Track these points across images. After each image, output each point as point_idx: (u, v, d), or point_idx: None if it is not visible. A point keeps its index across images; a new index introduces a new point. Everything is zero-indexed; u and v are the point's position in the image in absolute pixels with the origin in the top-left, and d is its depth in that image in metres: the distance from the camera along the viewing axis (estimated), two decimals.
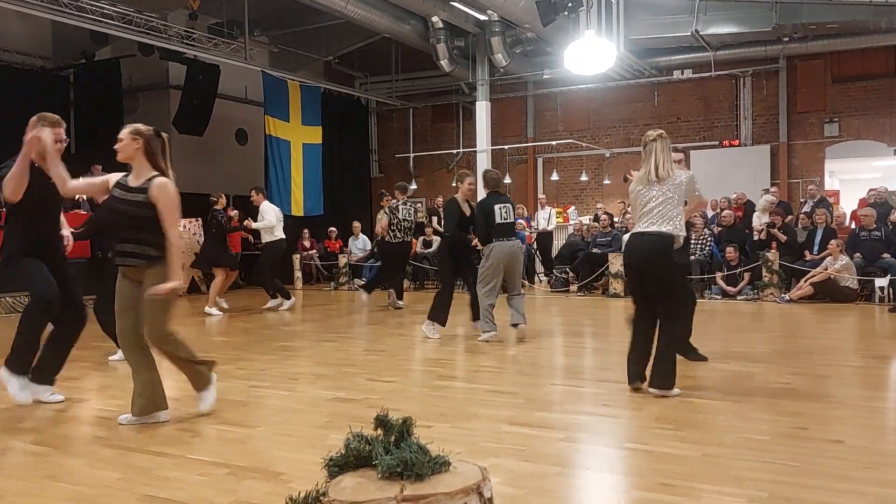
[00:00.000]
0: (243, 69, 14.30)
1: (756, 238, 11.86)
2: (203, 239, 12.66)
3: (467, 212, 7.73)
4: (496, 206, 7.16)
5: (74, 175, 4.43)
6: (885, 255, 10.50)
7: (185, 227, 14.19)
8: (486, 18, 13.83)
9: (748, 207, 13.15)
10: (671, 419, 4.18)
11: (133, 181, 4.19)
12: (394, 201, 10.36)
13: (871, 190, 12.67)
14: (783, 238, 11.43)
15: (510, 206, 7.31)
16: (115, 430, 4.14)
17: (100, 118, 14.47)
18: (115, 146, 4.20)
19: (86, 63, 15.08)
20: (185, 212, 16.62)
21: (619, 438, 3.92)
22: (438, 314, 7.58)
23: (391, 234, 10.22)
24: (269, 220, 10.69)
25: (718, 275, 11.42)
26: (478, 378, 5.75)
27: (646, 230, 4.80)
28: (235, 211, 11.96)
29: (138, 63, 14.62)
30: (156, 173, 4.18)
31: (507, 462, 3.45)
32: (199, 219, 14.33)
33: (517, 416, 4.35)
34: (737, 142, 15.92)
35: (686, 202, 5.07)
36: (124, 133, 4.22)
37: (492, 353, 6.72)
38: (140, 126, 4.26)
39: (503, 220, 7.16)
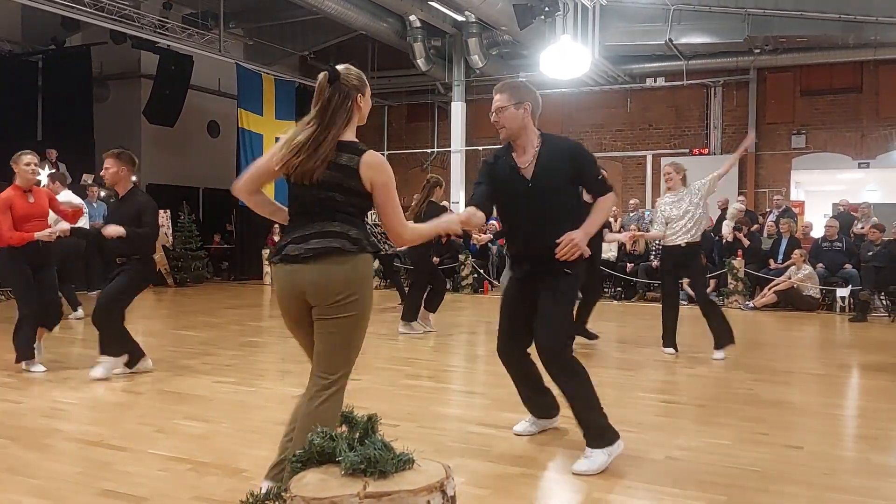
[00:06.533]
0: (217, 61, 14.14)
1: (724, 242, 12.01)
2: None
3: None
4: None
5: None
6: (847, 265, 10.71)
7: None
8: (464, 19, 13.85)
9: (720, 216, 13.28)
10: (635, 422, 4.22)
11: None
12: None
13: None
14: (746, 243, 11.58)
15: None
16: (74, 423, 4.07)
17: (69, 106, 14.20)
18: None
19: (56, 49, 14.80)
20: (157, 203, 16.27)
21: (582, 440, 3.94)
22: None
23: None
24: None
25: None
26: (446, 378, 5.76)
27: None
28: None
29: (110, 51, 14.39)
30: None
31: (472, 462, 3.45)
32: (168, 210, 14.16)
33: (484, 416, 4.36)
34: (706, 150, 16.13)
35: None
36: None
37: (461, 354, 6.73)
38: None
39: None
